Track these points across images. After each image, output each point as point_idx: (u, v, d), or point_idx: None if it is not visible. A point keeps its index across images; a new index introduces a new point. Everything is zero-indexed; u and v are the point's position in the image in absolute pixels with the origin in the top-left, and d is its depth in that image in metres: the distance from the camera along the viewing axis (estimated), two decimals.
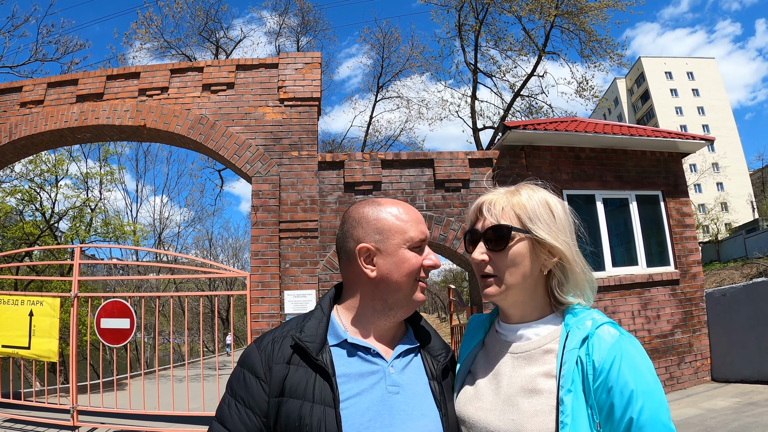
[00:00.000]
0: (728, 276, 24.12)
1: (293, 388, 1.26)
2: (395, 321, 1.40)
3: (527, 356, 1.31)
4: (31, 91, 8.22)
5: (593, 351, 1.20)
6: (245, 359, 1.35)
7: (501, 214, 1.33)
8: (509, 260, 1.31)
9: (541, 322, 1.35)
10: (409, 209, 1.41)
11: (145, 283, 25.48)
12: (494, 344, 1.42)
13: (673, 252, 8.57)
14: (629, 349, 1.20)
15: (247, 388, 1.30)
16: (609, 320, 1.28)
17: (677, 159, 9.04)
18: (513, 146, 8.11)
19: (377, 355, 1.34)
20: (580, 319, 1.28)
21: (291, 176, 7.50)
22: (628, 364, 1.18)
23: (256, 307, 6.98)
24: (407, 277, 1.34)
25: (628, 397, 1.15)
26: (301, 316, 1.42)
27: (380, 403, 1.28)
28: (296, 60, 7.99)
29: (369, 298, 1.38)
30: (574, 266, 1.33)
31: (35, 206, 20.11)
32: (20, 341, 7.09)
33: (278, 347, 1.32)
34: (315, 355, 1.28)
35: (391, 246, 1.35)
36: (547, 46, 17.90)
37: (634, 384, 1.15)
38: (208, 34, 20.72)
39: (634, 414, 1.13)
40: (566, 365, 1.21)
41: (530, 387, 1.26)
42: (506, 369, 1.33)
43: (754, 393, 6.98)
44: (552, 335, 1.31)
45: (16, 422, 7.11)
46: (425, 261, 1.37)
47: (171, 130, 7.75)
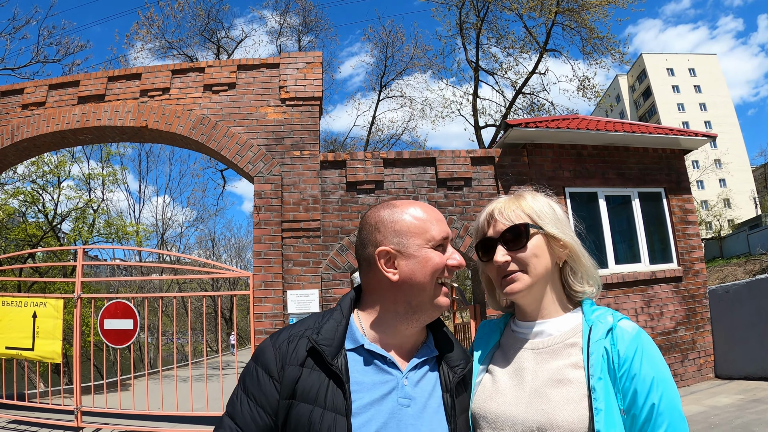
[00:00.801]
0: (731, 272, 24.08)
1: (305, 392, 1.24)
2: (418, 326, 1.37)
3: (551, 351, 1.37)
4: (33, 93, 8.23)
5: (618, 342, 1.29)
6: (260, 355, 1.33)
7: (514, 217, 1.41)
8: (531, 254, 1.39)
9: (559, 318, 1.42)
10: (428, 209, 1.39)
11: (149, 284, 25.53)
12: (512, 343, 1.46)
13: (675, 249, 8.56)
14: (647, 341, 1.32)
15: (260, 385, 1.28)
16: (625, 316, 1.38)
17: (679, 156, 9.02)
18: (515, 144, 8.10)
19: (393, 365, 1.32)
20: (602, 314, 1.37)
21: (293, 176, 7.49)
22: (648, 354, 1.28)
23: (259, 307, 6.98)
24: (431, 277, 1.31)
25: (650, 385, 1.25)
26: (319, 315, 1.40)
27: (389, 416, 1.25)
28: (297, 60, 7.99)
29: (392, 302, 1.35)
30: (582, 257, 1.44)
31: (38, 208, 20.16)
32: (24, 343, 7.11)
33: (293, 347, 1.30)
34: (330, 360, 1.26)
35: (412, 247, 1.32)
36: (548, 43, 17.89)
37: (654, 372, 1.26)
38: (210, 34, 20.74)
39: (656, 400, 1.24)
40: (594, 355, 1.28)
41: (559, 378, 1.31)
42: (529, 364, 1.37)
43: (757, 390, 6.98)
44: (574, 330, 1.38)
45: (21, 423, 7.13)
46: (449, 261, 1.34)
47: (173, 130, 7.76)
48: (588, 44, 17.53)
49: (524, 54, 18.96)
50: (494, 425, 1.33)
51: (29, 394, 7.61)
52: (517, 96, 19.21)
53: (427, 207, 1.40)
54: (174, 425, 7.10)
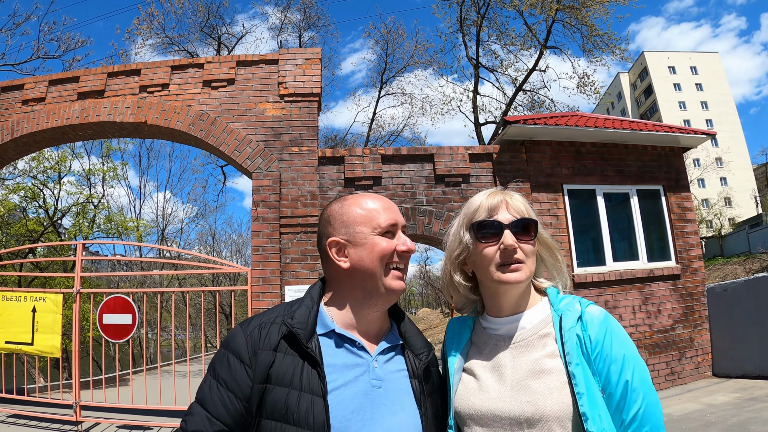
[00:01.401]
0: (731, 271, 24.08)
1: (280, 375, 1.27)
2: (378, 310, 1.42)
3: (526, 344, 1.42)
4: (33, 89, 8.24)
5: (588, 327, 1.36)
6: (230, 342, 1.34)
7: (525, 211, 1.48)
8: (533, 249, 1.46)
9: (530, 311, 1.47)
10: (377, 198, 1.45)
11: (149, 279, 25.56)
12: (486, 340, 1.50)
13: (674, 247, 8.56)
14: (614, 323, 1.39)
15: (230, 370, 1.29)
16: (591, 301, 1.46)
17: (678, 153, 9.02)
18: (513, 141, 8.10)
19: (362, 348, 1.37)
20: (569, 302, 1.43)
21: (291, 172, 7.50)
22: (617, 335, 1.35)
23: (257, 302, 7.00)
24: (379, 262, 1.37)
25: (622, 363, 1.32)
26: (288, 303, 1.43)
27: (363, 396, 1.30)
28: (296, 56, 7.99)
29: (349, 288, 1.41)
30: (561, 259, 1.54)
31: (38, 203, 20.17)
32: (23, 337, 7.12)
33: (266, 333, 1.32)
34: (305, 342, 1.29)
35: (359, 235, 1.39)
36: (548, 40, 17.87)
37: (624, 351, 1.33)
38: (210, 30, 20.72)
39: (629, 377, 1.30)
40: (568, 343, 1.34)
41: (538, 369, 1.36)
42: (507, 359, 1.42)
43: (755, 388, 6.98)
44: (545, 321, 1.44)
45: (20, 417, 7.16)
46: (398, 246, 1.39)
47: (172, 126, 7.77)
48: (588, 41, 17.52)
49: (525, 51, 18.98)
50: (481, 421, 1.37)
51: (29, 388, 7.63)
52: (518, 93, 19.21)
53: (376, 197, 1.46)
54: (172, 420, 7.13)
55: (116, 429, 6.93)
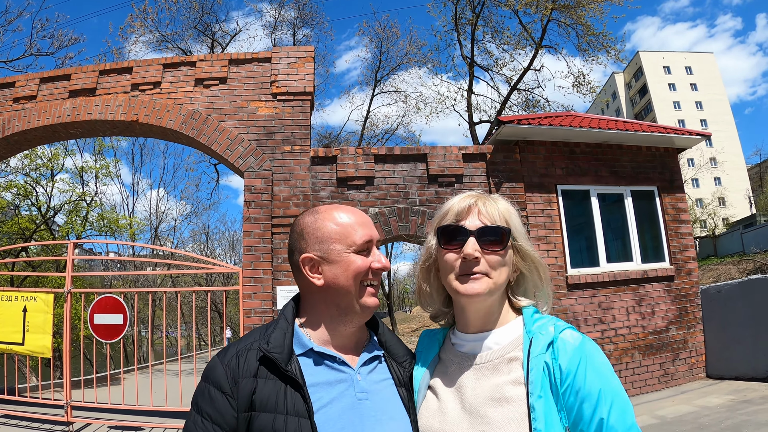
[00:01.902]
0: (725, 271, 24.12)
1: (264, 401, 1.24)
2: (353, 327, 1.39)
3: (490, 366, 1.32)
4: (24, 87, 8.17)
5: (559, 355, 1.22)
6: (209, 374, 1.32)
7: (497, 217, 1.35)
8: (501, 261, 1.33)
9: (500, 330, 1.36)
10: (351, 212, 1.40)
11: (142, 278, 25.45)
12: (452, 357, 1.42)
13: (668, 248, 8.55)
14: (593, 351, 1.24)
15: (213, 403, 1.27)
16: (569, 325, 1.31)
17: (673, 154, 9.01)
18: (507, 141, 8.07)
19: (343, 363, 1.35)
20: (543, 325, 1.30)
21: (283, 171, 7.45)
22: (593, 366, 1.21)
23: (249, 303, 6.95)
24: (354, 281, 1.34)
25: (597, 398, 1.17)
26: (263, 327, 1.41)
27: (351, 410, 1.28)
28: (289, 54, 7.94)
29: (324, 306, 1.38)
30: (546, 273, 1.41)
31: (31, 201, 20.06)
32: (14, 337, 7.06)
33: (243, 360, 1.30)
34: (284, 366, 1.26)
35: (333, 253, 1.35)
36: (544, 39, 17.84)
37: (601, 384, 1.19)
38: (204, 28, 20.58)
39: (604, 414, 1.16)
40: (534, 371, 1.22)
41: (498, 396, 1.25)
42: (468, 381, 1.33)
43: (748, 390, 6.98)
44: (514, 343, 1.32)
45: (11, 418, 7.10)
46: (373, 264, 1.36)
47: (163, 125, 7.71)
48: (584, 41, 17.49)
49: (520, 50, 18.95)
50: None
51: (20, 388, 7.57)
52: (512, 92, 19.17)
53: (351, 211, 1.41)
54: (164, 420, 7.08)
55: (108, 429, 6.89)
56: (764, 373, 7.38)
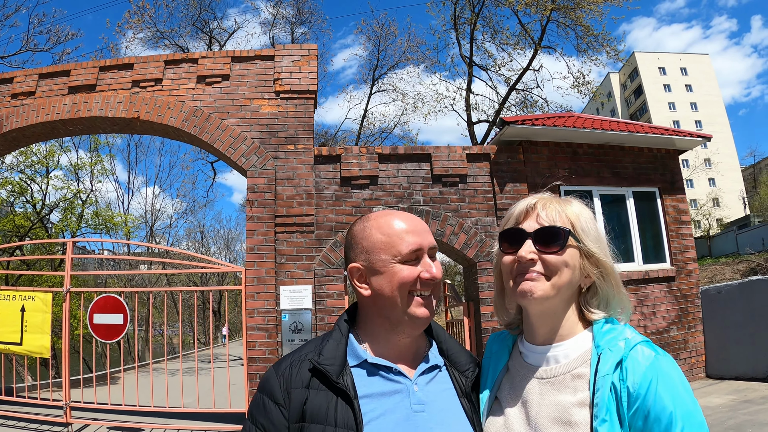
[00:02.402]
0: (720, 271, 24.23)
1: (314, 412, 1.23)
2: (407, 337, 1.35)
3: (556, 382, 1.25)
4: (23, 83, 8.08)
5: (627, 376, 1.15)
6: (264, 385, 1.32)
7: (557, 218, 1.30)
8: (562, 261, 1.26)
9: (569, 342, 1.29)
10: (403, 219, 1.36)
11: (138, 276, 25.32)
12: (519, 368, 1.36)
13: (669, 249, 8.57)
14: (666, 369, 1.15)
15: (267, 414, 1.27)
16: (643, 339, 1.23)
17: (674, 156, 9.03)
18: (510, 141, 8.06)
19: (399, 373, 1.30)
20: (612, 339, 1.22)
21: (287, 170, 7.41)
22: (665, 386, 1.12)
23: (252, 303, 6.90)
24: (399, 292, 1.29)
25: (667, 423, 1.10)
26: (319, 339, 1.40)
27: (405, 423, 1.24)
28: (293, 52, 7.89)
29: (375, 316, 1.35)
30: (618, 282, 1.32)
31: (26, 198, 19.91)
32: (12, 337, 6.99)
33: (296, 371, 1.30)
34: (335, 378, 1.25)
35: (379, 263, 1.31)
36: (543, 40, 17.86)
37: (673, 406, 1.11)
38: (202, 25, 20.51)
39: None
40: (599, 392, 1.15)
41: (564, 419, 1.19)
42: (534, 396, 1.27)
43: (749, 390, 7.00)
44: (582, 358, 1.25)
45: (8, 419, 7.02)
46: (422, 274, 1.30)
47: (165, 122, 7.64)
48: (583, 42, 17.53)
49: (518, 50, 18.96)
50: None
51: (17, 388, 7.49)
52: (511, 92, 19.18)
53: (401, 218, 1.36)
54: (164, 420, 7.03)
55: (107, 430, 6.83)
56: (764, 374, 7.40)
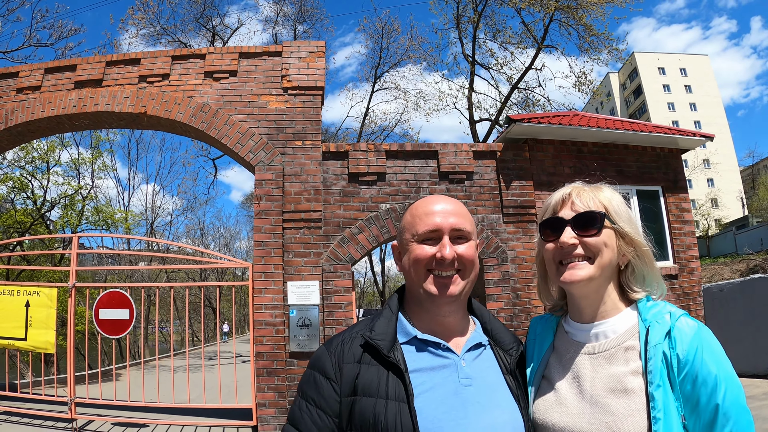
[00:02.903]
0: (718, 271, 24.32)
1: (366, 386, 1.28)
2: (442, 314, 1.39)
3: (607, 355, 1.33)
4: (28, 77, 8.05)
5: (676, 344, 1.24)
6: (315, 362, 1.38)
7: (592, 204, 1.39)
8: (602, 242, 1.35)
9: (615, 318, 1.37)
10: (432, 202, 1.43)
11: (138, 273, 25.27)
12: (567, 346, 1.43)
13: (672, 247, 8.59)
14: (708, 338, 1.26)
15: (318, 389, 1.32)
16: (684, 312, 1.33)
17: (677, 155, 9.05)
18: (516, 139, 8.07)
19: (447, 349, 1.36)
20: (658, 312, 1.32)
21: (294, 166, 7.40)
22: (709, 353, 1.23)
23: (259, 298, 6.90)
24: (414, 269, 1.38)
25: (713, 385, 1.20)
26: (369, 318, 1.45)
27: (453, 396, 1.28)
28: (300, 48, 7.88)
29: (409, 293, 1.46)
30: (651, 260, 1.40)
31: (26, 194, 19.86)
32: (16, 332, 6.98)
33: (348, 347, 1.35)
34: (386, 352, 1.30)
35: (404, 241, 1.43)
36: (545, 39, 17.88)
37: (717, 371, 1.21)
38: (205, 21, 20.48)
39: (719, 400, 1.19)
40: (652, 360, 1.24)
41: (620, 387, 1.27)
42: (586, 371, 1.34)
43: (751, 387, 7.04)
44: (630, 332, 1.33)
45: (13, 414, 7.02)
46: (437, 254, 1.35)
47: (172, 117, 7.62)
48: (585, 41, 17.56)
49: (521, 49, 18.99)
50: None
51: (21, 384, 7.48)
52: (513, 91, 19.21)
53: (432, 201, 1.44)
54: (169, 417, 7.02)
55: (112, 426, 6.82)
56: (765, 371, 7.46)
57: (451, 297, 1.36)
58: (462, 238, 1.39)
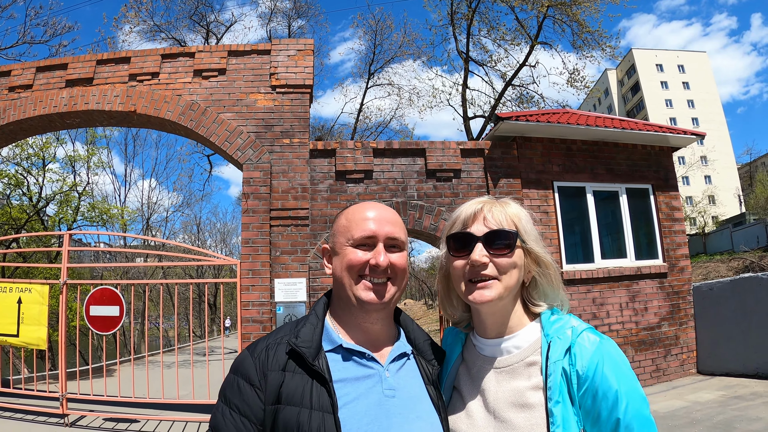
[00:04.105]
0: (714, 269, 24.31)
1: (290, 395, 1.26)
2: (369, 321, 1.39)
3: (510, 370, 1.34)
4: (20, 76, 8.09)
5: (576, 360, 1.25)
6: (239, 366, 1.34)
7: (504, 220, 1.37)
8: (512, 263, 1.34)
9: (518, 333, 1.38)
10: (369, 208, 1.42)
11: (133, 269, 25.31)
12: (474, 359, 1.44)
13: (661, 245, 8.63)
14: (611, 352, 1.27)
15: (241, 395, 1.29)
16: (587, 326, 1.34)
17: (668, 153, 9.08)
18: (505, 137, 8.10)
19: (372, 359, 1.35)
20: (560, 328, 1.32)
21: (282, 164, 7.45)
22: (610, 367, 1.24)
23: (247, 295, 6.95)
24: (346, 273, 1.36)
25: (614, 399, 1.21)
26: (294, 322, 1.43)
27: (377, 407, 1.28)
28: (289, 47, 7.92)
29: (337, 298, 1.44)
30: (556, 278, 1.41)
31: (22, 190, 19.85)
32: (9, 329, 7.02)
33: (273, 354, 1.32)
34: (311, 360, 1.28)
35: (337, 244, 1.41)
36: (539, 36, 17.89)
37: (618, 385, 1.22)
38: (199, 18, 20.45)
39: (620, 414, 1.20)
40: (552, 377, 1.25)
41: (521, 402, 1.28)
42: (491, 385, 1.35)
43: (739, 386, 7.06)
44: (533, 347, 1.34)
45: (5, 410, 7.06)
46: (371, 260, 1.35)
47: (161, 116, 7.67)
48: (579, 38, 17.55)
49: (515, 46, 18.97)
50: None
51: (14, 380, 7.52)
52: (507, 87, 19.21)
53: (369, 208, 1.43)
54: (160, 412, 7.08)
55: (103, 421, 6.87)
56: (754, 370, 7.47)
57: (380, 304, 1.35)
58: (396, 247, 1.39)
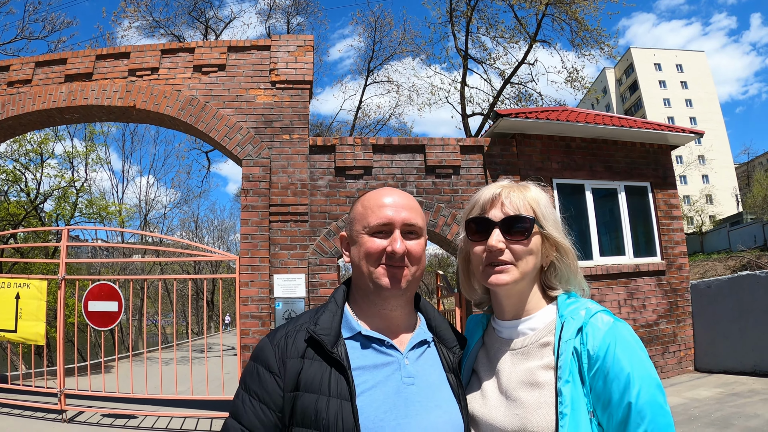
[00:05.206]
0: (711, 267, 24.36)
1: (308, 382, 1.26)
2: (388, 307, 1.38)
3: (525, 351, 1.34)
4: (19, 70, 8.07)
5: (588, 340, 1.23)
6: (259, 354, 1.34)
7: (521, 205, 1.36)
8: (529, 249, 1.34)
9: (535, 315, 1.38)
10: (386, 194, 1.41)
11: (131, 265, 25.29)
12: (493, 342, 1.45)
13: (659, 243, 8.64)
14: (623, 334, 1.24)
15: (261, 382, 1.29)
16: (602, 308, 1.32)
17: (666, 151, 9.09)
18: (504, 134, 8.10)
19: (391, 346, 1.35)
20: (574, 309, 1.32)
21: (282, 160, 7.44)
22: (622, 348, 1.21)
23: (245, 291, 6.95)
24: (365, 261, 1.36)
25: (625, 382, 1.17)
26: (314, 310, 1.42)
27: (395, 395, 1.28)
28: (289, 42, 7.91)
29: (356, 286, 1.43)
30: (574, 263, 1.40)
31: (20, 186, 19.82)
32: (7, 324, 7.02)
33: (292, 341, 1.32)
34: (330, 348, 1.28)
35: (354, 232, 1.40)
36: (538, 34, 17.89)
37: (630, 368, 1.18)
38: (198, 14, 20.41)
39: (632, 398, 1.16)
40: (563, 356, 1.24)
41: (531, 381, 1.28)
42: (506, 365, 1.35)
43: (736, 384, 7.08)
44: (547, 328, 1.35)
45: (3, 406, 7.06)
46: (388, 247, 1.34)
47: (161, 111, 7.66)
48: (577, 36, 17.57)
49: (514, 44, 18.98)
50: (479, 428, 1.34)
51: (12, 376, 7.52)
52: (505, 85, 19.22)
53: (385, 194, 1.42)
54: (158, 408, 7.08)
55: (101, 417, 6.87)
56: (751, 368, 7.50)
57: (398, 290, 1.35)
58: (413, 233, 1.38)
